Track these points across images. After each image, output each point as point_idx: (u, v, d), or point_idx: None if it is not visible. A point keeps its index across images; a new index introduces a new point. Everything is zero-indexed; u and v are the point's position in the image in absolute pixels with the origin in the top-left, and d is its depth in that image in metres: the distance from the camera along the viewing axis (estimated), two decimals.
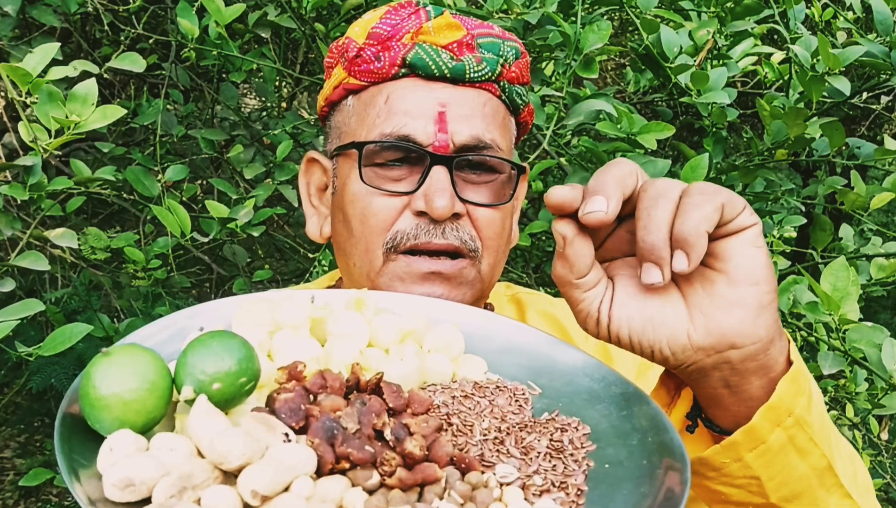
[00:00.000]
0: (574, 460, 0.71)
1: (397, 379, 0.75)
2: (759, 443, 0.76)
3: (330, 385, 0.69)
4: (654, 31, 1.62)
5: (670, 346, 0.73)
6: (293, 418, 0.64)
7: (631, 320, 0.74)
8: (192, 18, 1.80)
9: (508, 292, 1.24)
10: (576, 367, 0.82)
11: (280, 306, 0.79)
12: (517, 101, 1.07)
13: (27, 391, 3.14)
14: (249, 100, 4.49)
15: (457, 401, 0.76)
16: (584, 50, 1.54)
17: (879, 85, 1.91)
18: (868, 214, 1.85)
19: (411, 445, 0.64)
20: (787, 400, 0.75)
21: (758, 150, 1.79)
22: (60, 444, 0.60)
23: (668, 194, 0.70)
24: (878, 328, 1.51)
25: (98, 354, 0.64)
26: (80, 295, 2.72)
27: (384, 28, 1.02)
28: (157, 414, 0.63)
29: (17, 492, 3.66)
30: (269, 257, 3.49)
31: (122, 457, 0.59)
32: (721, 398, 0.77)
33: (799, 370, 0.76)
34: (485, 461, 0.69)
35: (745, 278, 0.71)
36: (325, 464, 0.61)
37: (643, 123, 1.57)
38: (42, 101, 1.26)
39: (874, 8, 1.60)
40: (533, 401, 0.79)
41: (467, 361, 0.83)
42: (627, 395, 0.77)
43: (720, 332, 0.72)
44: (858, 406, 2.09)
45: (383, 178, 1.01)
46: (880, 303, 4.35)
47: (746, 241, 0.71)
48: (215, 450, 0.59)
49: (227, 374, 0.64)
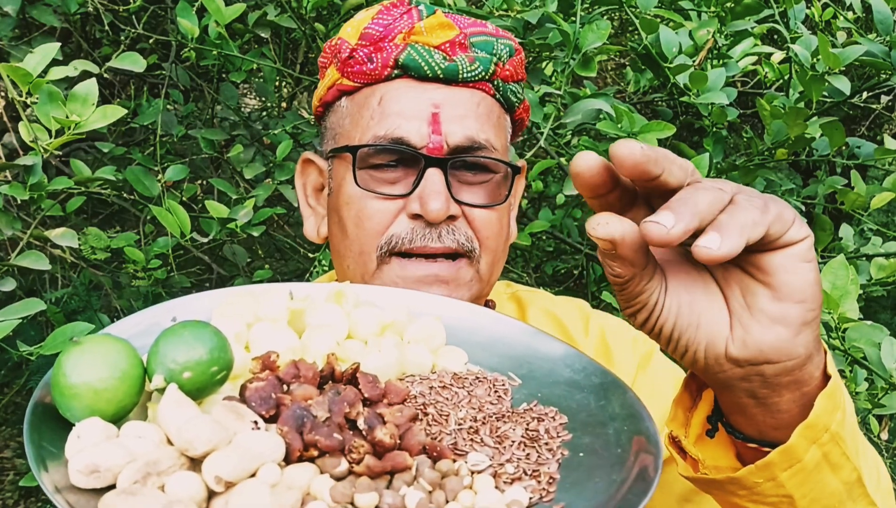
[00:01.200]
0: (548, 448, 0.71)
1: (375, 370, 0.75)
2: (794, 462, 0.73)
3: (303, 375, 0.69)
4: (653, 31, 1.62)
5: (706, 351, 0.69)
6: (263, 406, 0.64)
7: (680, 312, 0.69)
8: (192, 18, 1.80)
9: (509, 291, 1.23)
10: (557, 358, 0.82)
11: (260, 298, 0.79)
12: (512, 99, 1.06)
13: (27, 391, 3.14)
14: (249, 100, 4.49)
15: (434, 391, 0.76)
16: (582, 49, 1.54)
17: (879, 85, 1.91)
18: (868, 214, 1.85)
19: (381, 433, 0.64)
20: (825, 417, 0.72)
21: (758, 149, 1.79)
22: (30, 432, 0.60)
23: (720, 187, 0.64)
24: (878, 327, 1.51)
25: (69, 343, 0.64)
26: (80, 295, 2.72)
27: (376, 28, 1.01)
28: (129, 403, 0.64)
29: (17, 492, 3.66)
30: (269, 257, 3.49)
31: (89, 445, 0.59)
32: (747, 408, 0.74)
33: (836, 385, 0.72)
34: (458, 449, 0.69)
35: (792, 295, 0.66)
36: (294, 451, 0.62)
37: (644, 123, 1.57)
38: (42, 101, 1.26)
39: (874, 7, 1.60)
40: (513, 392, 0.79)
41: (448, 352, 0.83)
42: (606, 384, 0.77)
43: (757, 347, 0.68)
44: (858, 406, 2.09)
45: (378, 180, 1.00)
46: (880, 303, 4.34)
47: (796, 256, 0.66)
48: (182, 437, 0.59)
49: (198, 363, 0.64)
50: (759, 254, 0.66)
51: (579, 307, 1.22)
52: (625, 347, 1.16)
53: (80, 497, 0.56)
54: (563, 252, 3.00)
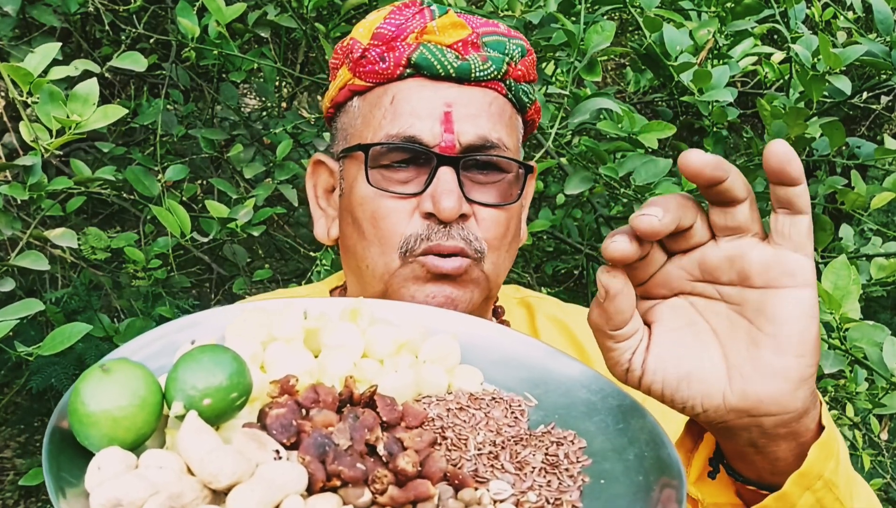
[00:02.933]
0: (569, 475, 0.70)
1: (391, 391, 0.74)
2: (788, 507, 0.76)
3: (322, 400, 0.68)
4: (656, 29, 1.62)
5: (703, 404, 0.71)
6: (285, 434, 0.64)
7: (666, 374, 0.71)
8: (192, 18, 1.80)
9: (517, 296, 1.23)
10: (573, 378, 0.81)
11: (275, 317, 0.78)
12: (524, 99, 1.06)
13: (27, 391, 3.14)
14: (249, 100, 4.49)
15: (451, 414, 0.76)
16: (587, 50, 1.54)
17: (879, 85, 1.91)
18: (868, 214, 1.85)
19: (404, 462, 0.63)
20: (818, 466, 0.74)
21: (758, 150, 1.79)
22: (48, 462, 0.59)
23: None
24: (879, 326, 1.51)
25: (90, 368, 0.63)
26: (80, 295, 2.72)
27: (388, 28, 1.01)
28: (147, 430, 0.63)
29: (17, 492, 3.66)
30: (270, 256, 3.49)
31: (109, 476, 0.58)
32: (747, 455, 0.76)
33: (830, 436, 0.74)
34: (479, 476, 0.68)
35: (794, 349, 0.68)
36: (316, 482, 0.61)
37: (644, 123, 1.57)
38: (43, 101, 1.26)
39: (874, 7, 1.60)
40: (529, 413, 0.78)
41: (463, 372, 0.82)
42: (624, 408, 0.76)
43: (757, 398, 0.69)
44: (859, 406, 2.09)
45: (390, 180, 1.00)
46: (880, 303, 4.35)
47: (803, 308, 0.67)
48: (205, 469, 0.58)
49: (218, 389, 0.64)
50: (766, 294, 0.68)
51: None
52: None
53: None
54: (563, 252, 3.00)
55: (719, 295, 0.71)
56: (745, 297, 0.69)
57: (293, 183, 2.14)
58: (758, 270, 0.68)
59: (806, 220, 0.67)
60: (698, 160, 0.65)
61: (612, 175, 1.62)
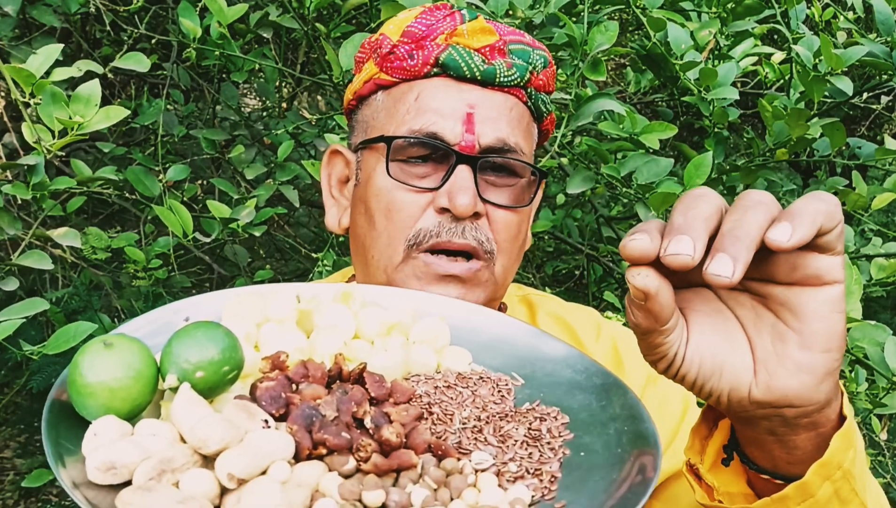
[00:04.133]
0: (550, 448, 0.72)
1: (381, 370, 0.76)
2: (808, 497, 0.75)
3: (312, 375, 0.71)
4: (660, 28, 1.62)
5: (730, 395, 0.71)
6: (274, 405, 0.66)
7: (702, 363, 0.71)
8: (193, 18, 1.80)
9: (519, 293, 1.24)
10: (558, 358, 0.83)
11: (269, 299, 0.81)
12: (542, 108, 1.09)
13: (27, 391, 3.14)
14: (250, 100, 4.49)
15: (439, 391, 0.78)
16: (590, 51, 1.55)
17: (880, 85, 1.92)
18: (869, 214, 1.85)
19: (388, 433, 0.65)
20: (838, 456, 0.74)
21: (759, 150, 1.80)
22: (47, 430, 0.62)
23: (767, 203, 0.65)
24: (881, 326, 1.51)
25: (89, 342, 0.66)
26: (80, 295, 2.72)
27: (419, 27, 1.03)
28: (143, 402, 0.66)
29: (17, 492, 3.66)
30: (270, 257, 3.49)
31: (105, 442, 0.61)
32: (765, 444, 0.76)
33: (850, 426, 0.74)
34: (462, 448, 0.70)
35: (821, 345, 0.67)
36: (303, 450, 0.63)
37: (646, 123, 1.58)
38: (45, 102, 1.26)
39: (875, 8, 1.60)
40: (515, 391, 0.80)
41: (452, 352, 0.84)
42: (608, 386, 0.78)
43: (782, 392, 0.69)
44: (859, 406, 2.09)
45: (409, 173, 1.02)
46: (880, 303, 4.35)
47: (830, 303, 0.67)
48: (195, 435, 0.61)
49: (211, 363, 0.66)
50: (794, 291, 0.67)
51: (590, 314, 1.23)
52: (636, 359, 1.16)
53: (97, 493, 0.58)
54: (563, 252, 3.00)
55: (743, 286, 0.70)
56: (770, 291, 0.69)
57: (294, 183, 2.14)
58: (784, 271, 0.67)
59: (839, 227, 0.65)
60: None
61: (614, 175, 1.62)
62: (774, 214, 0.64)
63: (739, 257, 0.61)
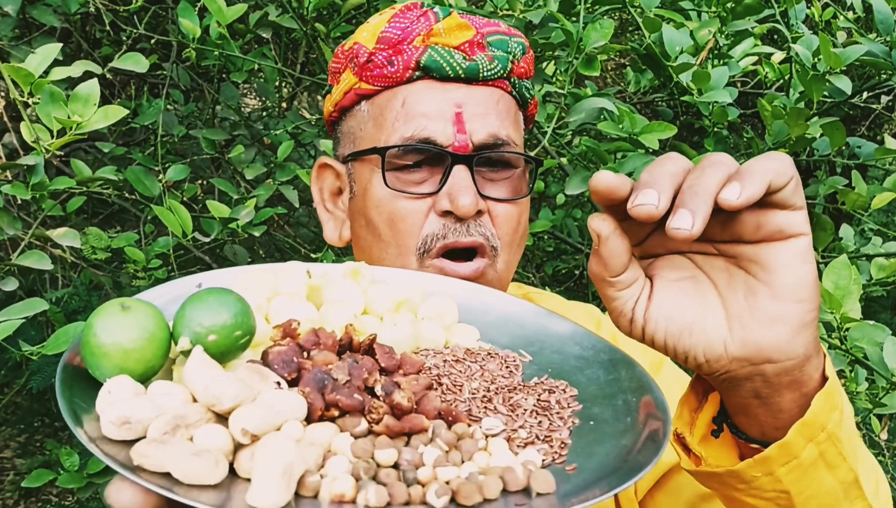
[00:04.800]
0: (560, 417, 0.72)
1: (390, 343, 0.76)
2: (791, 458, 0.75)
3: (323, 342, 0.71)
4: (656, 29, 1.62)
5: (706, 354, 0.72)
6: (286, 369, 0.66)
7: (668, 323, 0.72)
8: (193, 18, 1.80)
9: (520, 292, 1.25)
10: (566, 336, 0.84)
11: (279, 275, 0.82)
12: (525, 95, 1.08)
13: (27, 391, 3.14)
14: (250, 100, 4.49)
15: (448, 364, 0.78)
16: (585, 48, 1.55)
17: (880, 85, 1.92)
18: (868, 214, 1.85)
19: (399, 396, 0.66)
20: (822, 416, 0.74)
21: (759, 149, 1.79)
22: (62, 389, 0.63)
23: (726, 163, 0.67)
24: (880, 326, 1.51)
25: (104, 304, 0.66)
26: (80, 295, 2.72)
27: (394, 32, 1.02)
28: (156, 364, 0.66)
29: (17, 492, 3.66)
30: (270, 257, 3.49)
31: (119, 399, 0.61)
32: (750, 408, 0.76)
33: (833, 386, 0.74)
34: (472, 416, 0.71)
35: (791, 295, 0.69)
36: (315, 411, 0.64)
37: (645, 123, 1.58)
38: (44, 101, 1.26)
39: (875, 7, 1.60)
40: (524, 367, 0.81)
41: (460, 329, 0.85)
42: (615, 361, 0.79)
43: (757, 346, 0.70)
44: (859, 406, 2.09)
45: (406, 181, 1.02)
46: (880, 303, 4.35)
47: (796, 255, 0.68)
48: (209, 393, 0.61)
49: (223, 327, 0.67)
50: (761, 246, 0.69)
51: (590, 311, 1.25)
52: (636, 353, 1.17)
53: (112, 447, 0.59)
54: (563, 252, 3.00)
55: (716, 250, 0.72)
56: (739, 251, 0.71)
57: (294, 184, 2.14)
58: (749, 230, 0.69)
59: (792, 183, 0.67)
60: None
61: None
62: (731, 172, 0.66)
63: (698, 210, 0.64)
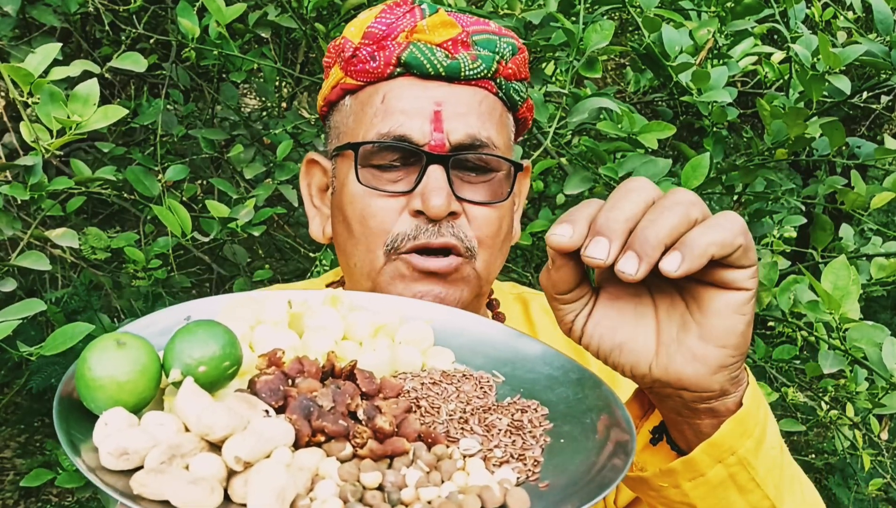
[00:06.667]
0: (532, 436, 0.77)
1: (370, 368, 0.80)
2: (697, 475, 0.80)
3: (307, 370, 0.75)
4: (655, 29, 1.62)
5: (632, 371, 0.77)
6: (273, 397, 0.70)
7: (602, 339, 0.78)
8: (192, 18, 1.80)
9: (514, 292, 1.25)
10: (537, 357, 0.89)
11: (261, 303, 0.86)
12: (515, 97, 1.06)
13: (27, 391, 3.14)
14: (249, 100, 4.49)
15: (425, 387, 0.82)
16: (586, 50, 1.54)
17: (879, 84, 1.91)
18: (868, 213, 1.85)
19: (381, 421, 0.70)
20: (731, 440, 0.78)
21: (758, 149, 1.79)
22: (59, 421, 0.66)
23: (685, 204, 0.70)
24: (879, 327, 1.51)
25: (96, 339, 0.70)
26: (80, 295, 2.72)
27: (379, 27, 1.02)
28: (148, 395, 0.69)
29: (17, 492, 3.66)
30: (270, 256, 3.49)
31: (115, 431, 0.65)
32: (677, 423, 0.82)
33: (748, 414, 0.78)
34: (450, 437, 0.75)
35: (716, 340, 0.73)
36: (302, 437, 0.67)
37: (644, 123, 1.57)
38: (44, 101, 1.26)
39: (874, 7, 1.60)
40: (497, 388, 0.85)
41: (436, 352, 0.89)
42: (583, 380, 0.84)
43: (677, 376, 0.75)
44: (858, 406, 2.09)
45: (380, 179, 1.01)
46: (880, 303, 4.35)
47: (732, 306, 0.72)
48: (201, 423, 0.65)
49: (212, 358, 0.70)
50: (703, 288, 0.73)
51: None
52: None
53: (111, 477, 0.62)
54: None
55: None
56: (686, 284, 0.75)
57: (293, 183, 2.14)
58: (699, 271, 0.71)
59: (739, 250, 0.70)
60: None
61: (612, 175, 1.62)
62: (692, 218, 0.70)
63: (645, 257, 0.68)
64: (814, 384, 2.28)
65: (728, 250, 0.69)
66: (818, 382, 2.21)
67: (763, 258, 2.05)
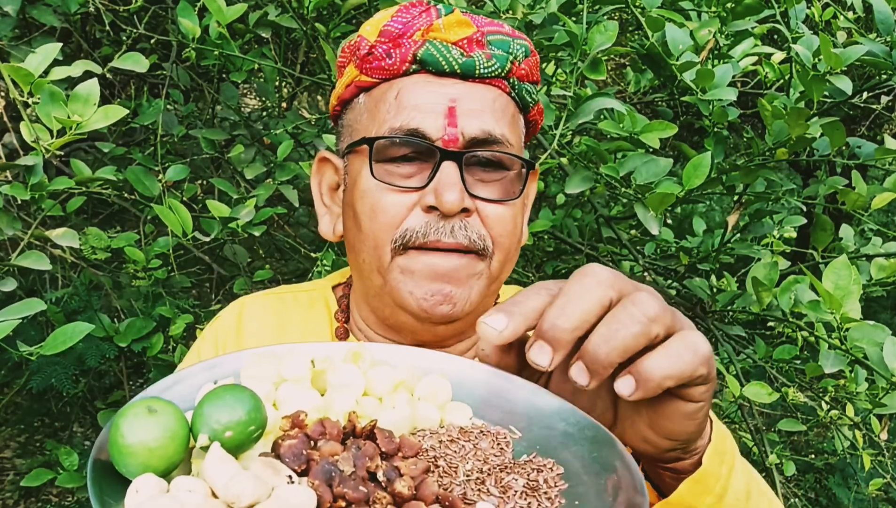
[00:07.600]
0: (547, 497, 0.77)
1: (390, 425, 0.82)
2: None
3: (329, 432, 0.77)
4: (658, 28, 1.62)
5: None
6: (296, 462, 0.72)
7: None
8: (193, 18, 1.80)
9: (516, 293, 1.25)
10: (553, 413, 0.89)
11: (284, 360, 0.88)
12: (526, 98, 1.07)
13: (27, 391, 3.14)
14: (250, 100, 4.49)
15: (443, 445, 0.84)
16: (591, 51, 1.54)
17: (880, 85, 1.91)
18: (868, 214, 1.85)
19: (400, 485, 0.71)
20: (689, 498, 0.81)
21: (759, 149, 1.79)
22: (93, 486, 0.67)
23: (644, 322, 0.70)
24: (880, 326, 1.51)
25: (127, 405, 0.72)
26: (80, 295, 2.72)
27: (396, 26, 1.03)
28: (177, 459, 0.71)
29: (18, 492, 3.66)
30: (270, 256, 3.49)
31: (146, 498, 0.66)
32: (648, 472, 0.86)
33: (707, 473, 0.81)
34: (467, 499, 0.76)
35: (665, 434, 0.77)
36: (324, 503, 0.68)
37: (645, 123, 1.57)
38: (44, 101, 1.26)
39: (875, 7, 1.60)
40: (513, 444, 0.86)
41: (454, 408, 0.90)
42: (598, 438, 0.84)
43: (631, 444, 0.80)
44: (859, 406, 2.09)
45: (394, 174, 1.01)
46: (880, 303, 4.35)
47: (683, 413, 0.75)
48: (229, 491, 0.66)
49: (239, 423, 0.72)
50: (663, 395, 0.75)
51: None
52: None
53: None
54: (563, 252, 3.00)
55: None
56: None
57: (294, 183, 2.14)
58: None
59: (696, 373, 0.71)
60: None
61: (613, 175, 1.62)
62: (651, 335, 0.69)
63: (595, 375, 0.70)
64: (814, 384, 2.28)
65: (685, 380, 0.70)
66: (818, 382, 2.21)
67: (763, 258, 2.05)
